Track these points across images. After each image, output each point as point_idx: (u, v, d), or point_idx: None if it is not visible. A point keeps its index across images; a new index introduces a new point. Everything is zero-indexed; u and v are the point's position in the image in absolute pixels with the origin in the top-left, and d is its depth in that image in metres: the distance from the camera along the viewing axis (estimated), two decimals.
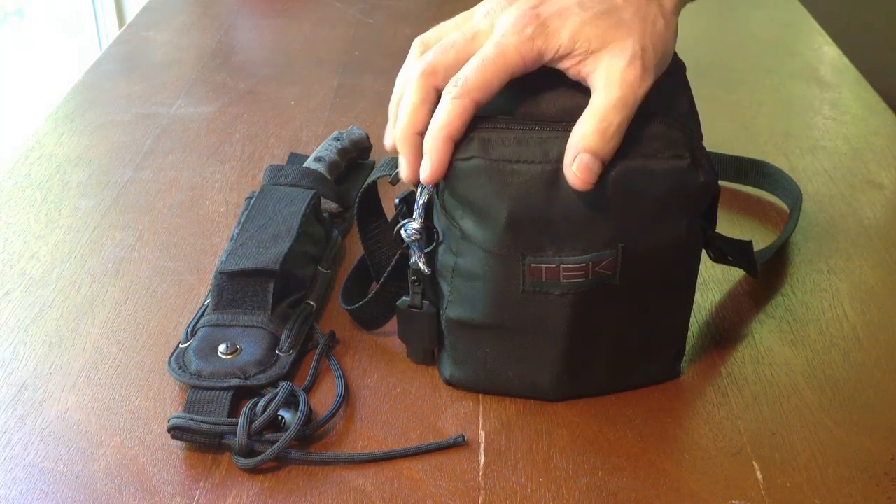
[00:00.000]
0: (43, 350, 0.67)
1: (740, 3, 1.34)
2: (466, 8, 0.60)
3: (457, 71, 0.56)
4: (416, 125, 0.57)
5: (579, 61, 0.55)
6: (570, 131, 0.55)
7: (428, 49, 0.58)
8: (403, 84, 0.59)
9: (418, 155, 0.57)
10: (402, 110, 0.58)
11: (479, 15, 0.58)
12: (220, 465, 0.57)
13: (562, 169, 0.54)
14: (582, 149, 0.53)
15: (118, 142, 0.95)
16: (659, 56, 0.55)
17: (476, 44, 0.56)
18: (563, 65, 0.55)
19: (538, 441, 0.59)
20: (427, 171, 0.56)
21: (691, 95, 0.59)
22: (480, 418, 0.61)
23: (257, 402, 0.59)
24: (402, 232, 0.61)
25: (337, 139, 0.86)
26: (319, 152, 0.84)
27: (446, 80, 0.56)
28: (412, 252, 0.61)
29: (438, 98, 0.56)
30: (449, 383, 0.64)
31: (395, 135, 0.59)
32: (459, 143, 0.56)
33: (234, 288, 0.66)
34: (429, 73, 0.57)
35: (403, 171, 0.58)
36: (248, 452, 0.57)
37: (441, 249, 0.60)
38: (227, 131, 0.98)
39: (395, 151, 0.59)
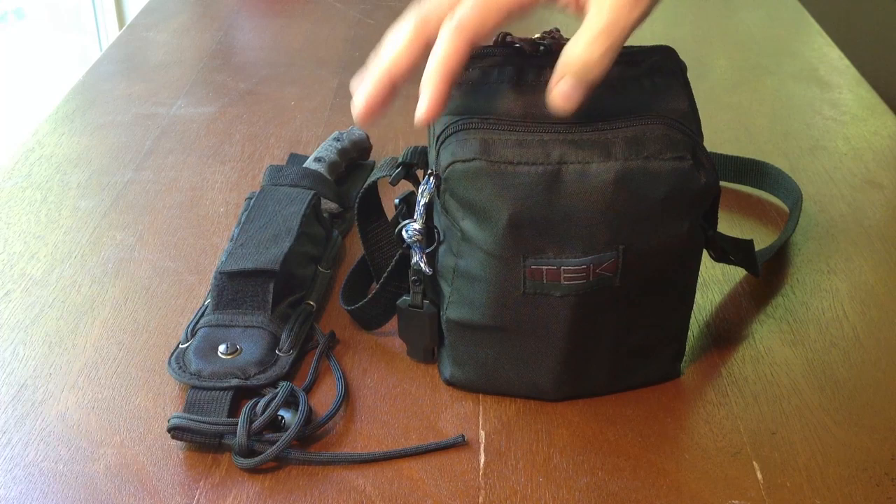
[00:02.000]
0: (43, 350, 0.67)
1: (740, 3, 1.34)
2: None
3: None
4: (395, 66, 0.55)
5: None
6: (570, 133, 0.55)
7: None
8: (390, 37, 0.57)
9: (378, 97, 0.55)
10: (385, 50, 0.55)
11: None
12: (220, 465, 0.57)
13: (563, 170, 0.54)
14: (566, 72, 0.53)
15: (118, 142, 0.95)
16: None
17: None
18: (561, 1, 0.55)
19: (538, 441, 0.59)
20: (423, 109, 0.54)
21: (692, 96, 0.59)
22: (480, 418, 0.61)
23: (257, 402, 0.59)
24: (404, 232, 0.61)
25: (337, 139, 0.86)
26: (319, 153, 0.84)
27: (437, 32, 0.54)
28: (413, 252, 0.61)
29: (427, 50, 0.55)
30: (449, 383, 0.64)
31: (365, 72, 0.56)
32: (459, 143, 0.56)
33: (234, 288, 0.66)
34: (422, 20, 0.55)
35: (357, 105, 0.55)
36: (248, 452, 0.57)
37: (442, 250, 0.60)
38: (227, 132, 0.98)
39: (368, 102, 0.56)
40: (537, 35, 0.60)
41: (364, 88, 0.56)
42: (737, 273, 0.75)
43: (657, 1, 0.56)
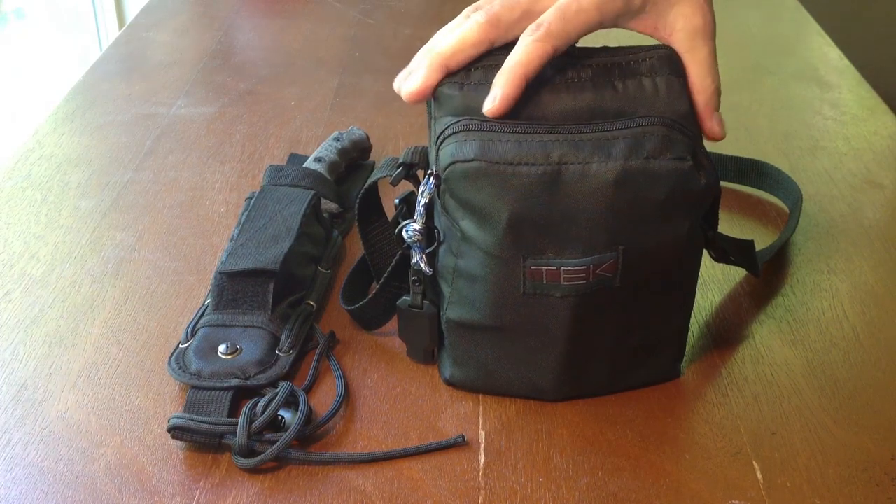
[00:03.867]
0: (43, 350, 0.67)
1: (740, 3, 1.34)
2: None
3: (519, 30, 0.56)
4: (454, 58, 0.57)
5: (654, 19, 0.58)
6: (570, 134, 0.55)
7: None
8: (451, 30, 0.58)
9: (431, 83, 0.57)
10: (448, 38, 0.57)
11: None
12: (220, 465, 0.57)
13: (563, 171, 0.54)
14: (713, 109, 0.59)
15: (118, 142, 0.95)
16: None
17: (539, 6, 0.57)
18: (636, 23, 0.59)
19: (538, 441, 0.59)
20: (495, 103, 0.55)
21: (692, 97, 0.59)
22: (480, 418, 0.61)
23: (257, 402, 0.59)
24: (404, 233, 0.61)
25: (337, 139, 0.86)
26: (319, 153, 0.84)
27: (505, 37, 0.56)
28: (413, 253, 0.61)
29: (486, 51, 0.57)
30: (449, 383, 0.64)
31: (413, 64, 0.58)
32: (459, 143, 0.56)
33: (234, 288, 0.66)
34: (492, 23, 0.57)
35: (410, 87, 0.57)
36: (248, 452, 0.57)
37: (442, 250, 0.60)
38: (227, 131, 0.98)
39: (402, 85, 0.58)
40: None
41: (418, 74, 0.57)
42: (737, 273, 0.75)
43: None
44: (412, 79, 0.58)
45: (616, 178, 0.54)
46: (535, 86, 0.57)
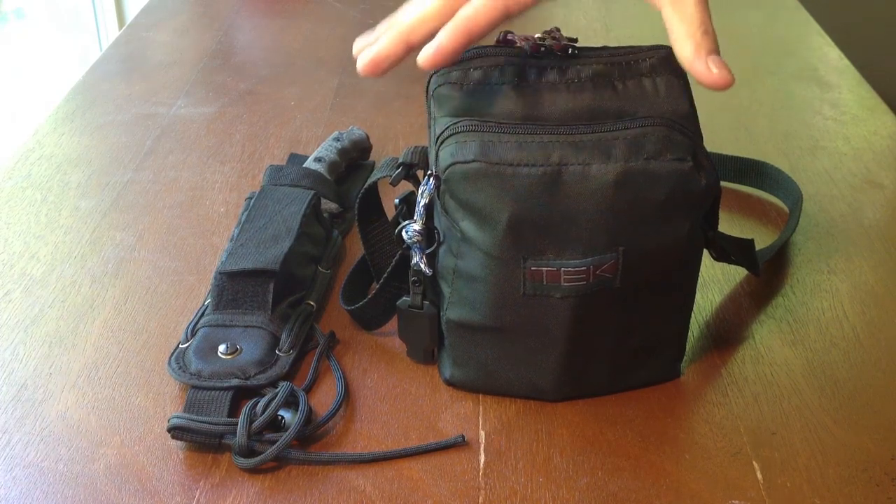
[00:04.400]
0: (43, 350, 0.67)
1: (740, 3, 1.34)
2: None
3: None
4: (414, 31, 0.54)
5: None
6: (570, 135, 0.55)
7: None
8: (414, 2, 0.56)
9: (390, 55, 0.54)
10: (409, 10, 0.55)
11: None
12: (220, 465, 0.57)
13: (563, 172, 0.54)
14: (706, 53, 0.53)
15: (118, 142, 0.95)
16: None
17: None
18: None
19: (538, 441, 0.59)
20: (430, 52, 0.53)
21: (692, 97, 0.59)
22: (480, 418, 0.61)
23: (257, 402, 0.59)
24: (404, 233, 0.61)
25: (337, 139, 0.86)
26: (319, 153, 0.84)
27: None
28: (413, 253, 0.61)
29: (448, 20, 0.54)
30: (449, 383, 0.64)
31: (375, 37, 0.56)
32: (459, 144, 0.56)
33: (234, 288, 0.66)
34: None
35: (364, 59, 0.55)
36: (248, 452, 0.57)
37: (441, 251, 0.60)
38: (227, 131, 0.98)
39: (359, 53, 0.56)
40: (538, 35, 0.60)
41: (378, 45, 0.55)
42: (737, 273, 0.75)
43: None
44: (370, 49, 0.56)
45: (616, 178, 0.54)
46: (535, 86, 0.57)
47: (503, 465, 0.58)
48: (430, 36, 0.55)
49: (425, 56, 0.54)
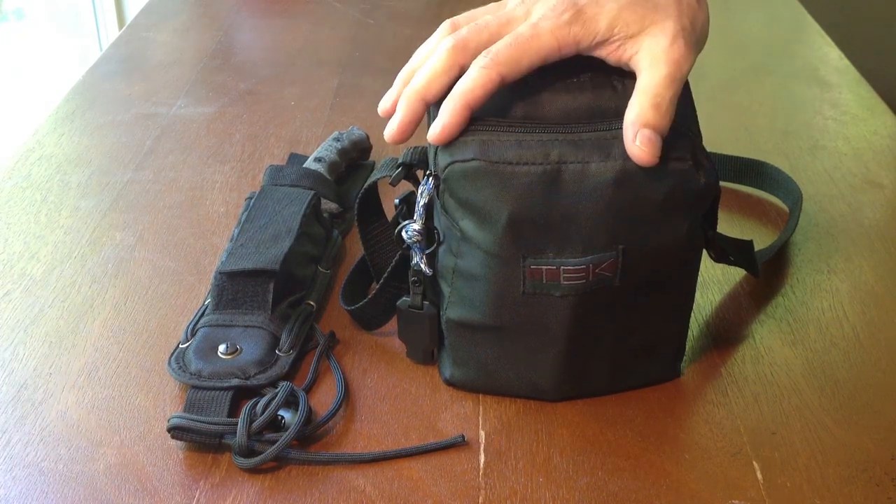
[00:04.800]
0: (43, 350, 0.67)
1: (740, 3, 1.34)
2: (467, 9, 0.61)
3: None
4: (429, 90, 0.57)
5: (618, 46, 0.56)
6: (569, 133, 0.55)
7: (458, 29, 0.58)
8: (425, 55, 0.59)
9: (413, 119, 0.57)
10: (421, 73, 0.57)
11: (515, 2, 0.58)
12: (220, 465, 0.57)
13: (563, 171, 0.54)
14: (641, 124, 0.53)
15: (118, 142, 0.95)
16: (697, 33, 0.57)
17: (509, 28, 0.57)
18: (602, 51, 0.56)
19: (538, 441, 0.59)
20: (437, 131, 0.55)
21: (691, 97, 0.59)
22: (480, 418, 0.61)
23: (257, 402, 0.59)
24: (403, 233, 0.61)
25: (337, 139, 0.86)
26: (319, 153, 0.84)
27: (473, 60, 0.56)
28: (413, 253, 0.61)
29: (458, 76, 0.57)
30: (449, 383, 0.64)
31: (395, 95, 0.59)
32: (458, 144, 0.56)
33: (234, 288, 0.66)
34: (459, 48, 0.57)
35: (392, 128, 0.58)
36: (248, 452, 0.57)
37: (441, 250, 0.60)
38: (227, 131, 0.98)
39: (386, 115, 0.59)
40: None
41: (399, 113, 0.58)
42: (737, 273, 0.75)
43: (703, 46, 0.58)
44: (394, 120, 0.58)
45: (615, 177, 0.54)
46: (535, 85, 0.57)
47: (503, 465, 0.58)
48: (444, 90, 0.57)
49: (433, 135, 0.56)
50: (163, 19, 1.29)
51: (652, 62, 0.55)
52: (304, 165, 0.82)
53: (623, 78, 0.58)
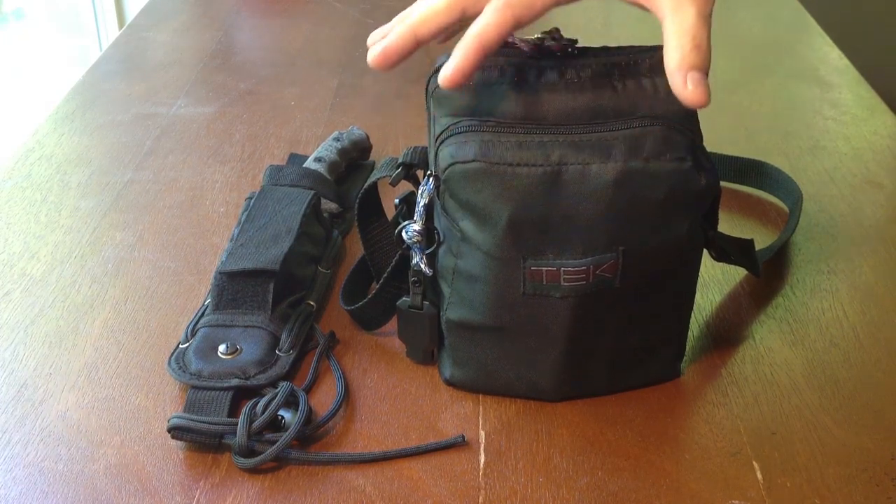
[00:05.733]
0: (43, 350, 0.67)
1: (740, 3, 1.34)
2: None
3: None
4: (422, 26, 0.56)
5: None
6: (570, 134, 0.55)
7: None
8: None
9: (398, 50, 0.56)
10: (418, 8, 0.56)
11: None
12: (220, 465, 0.57)
13: (563, 172, 0.54)
14: (688, 68, 0.53)
15: (118, 142, 0.95)
16: None
17: None
18: None
19: (538, 441, 0.59)
20: (449, 72, 0.54)
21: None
22: (480, 418, 0.61)
23: (257, 402, 0.59)
24: (403, 233, 0.61)
25: (337, 139, 0.86)
26: (319, 153, 0.84)
27: (476, 5, 0.55)
28: (413, 253, 0.61)
29: (460, 17, 0.55)
30: (449, 383, 0.64)
31: (388, 29, 0.57)
32: (459, 144, 0.56)
33: (234, 288, 0.66)
34: None
35: (375, 51, 0.56)
36: (248, 452, 0.57)
37: (441, 251, 0.60)
38: (227, 131, 0.98)
39: (372, 44, 0.57)
40: (537, 35, 0.60)
41: (388, 39, 0.56)
42: (737, 273, 0.75)
43: None
44: (380, 43, 0.57)
45: (616, 178, 0.54)
46: (535, 86, 0.57)
47: (503, 465, 0.58)
48: (438, 31, 0.56)
49: (444, 76, 0.54)
50: (163, 19, 1.29)
51: (677, 4, 0.54)
52: (304, 165, 0.82)
53: (623, 78, 0.58)
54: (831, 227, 0.81)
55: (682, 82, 0.53)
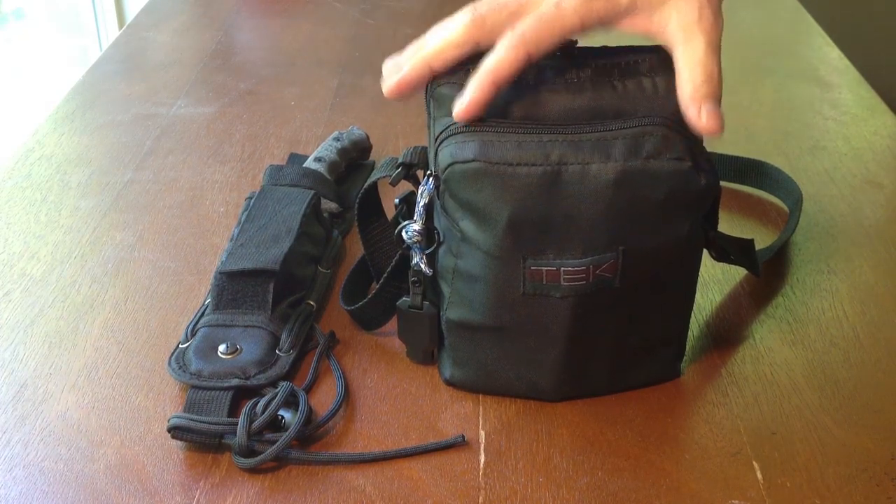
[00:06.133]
0: (43, 350, 0.67)
1: (740, 3, 1.34)
2: None
3: (504, 31, 0.56)
4: (437, 58, 0.57)
5: (646, 17, 0.56)
6: (570, 134, 0.55)
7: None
8: (440, 29, 0.59)
9: (413, 81, 0.58)
10: (433, 40, 0.57)
11: None
12: (220, 465, 0.57)
13: (563, 171, 0.54)
14: (702, 99, 0.55)
15: (118, 142, 0.95)
16: None
17: (530, 8, 0.57)
18: (624, 22, 0.57)
19: (538, 441, 0.59)
20: (463, 106, 0.55)
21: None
22: (480, 418, 0.61)
23: (257, 402, 0.59)
24: (403, 233, 0.61)
25: (337, 139, 0.86)
26: (319, 152, 0.84)
27: (489, 38, 0.56)
28: (413, 253, 0.61)
29: (473, 50, 0.57)
30: (449, 383, 0.64)
31: (403, 59, 0.58)
32: (459, 144, 0.56)
33: (234, 288, 0.66)
34: (477, 24, 0.57)
35: (390, 82, 0.58)
36: (248, 452, 0.57)
37: (441, 251, 0.60)
38: (227, 131, 0.98)
39: (388, 75, 0.58)
40: None
41: (404, 71, 0.58)
42: (737, 273, 0.75)
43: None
44: (396, 75, 0.58)
45: (616, 178, 0.54)
46: (534, 85, 0.57)
47: (503, 465, 0.58)
48: (452, 62, 0.57)
49: (459, 110, 0.56)
50: (163, 19, 1.29)
51: (687, 35, 0.56)
52: (304, 165, 0.82)
53: (623, 78, 0.58)
54: (831, 227, 0.81)
55: (697, 114, 0.55)
